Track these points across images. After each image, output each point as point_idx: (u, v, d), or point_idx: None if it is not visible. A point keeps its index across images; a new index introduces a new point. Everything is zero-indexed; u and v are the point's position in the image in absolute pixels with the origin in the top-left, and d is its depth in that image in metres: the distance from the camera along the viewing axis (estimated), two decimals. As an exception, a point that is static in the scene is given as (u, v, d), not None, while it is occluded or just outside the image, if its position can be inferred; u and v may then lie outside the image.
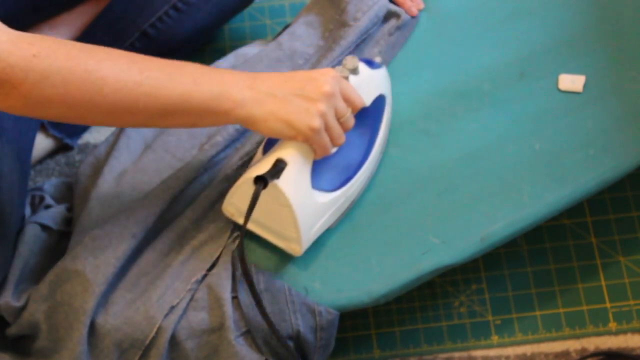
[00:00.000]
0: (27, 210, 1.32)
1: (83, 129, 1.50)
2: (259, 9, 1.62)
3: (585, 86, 1.31)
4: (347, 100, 1.13)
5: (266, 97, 1.08)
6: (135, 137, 1.33)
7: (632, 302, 1.42)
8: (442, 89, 1.33)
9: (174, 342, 1.17)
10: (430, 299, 1.42)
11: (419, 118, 1.31)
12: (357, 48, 1.35)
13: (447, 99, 1.33)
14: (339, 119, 1.13)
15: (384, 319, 1.40)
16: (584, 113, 1.30)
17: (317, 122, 1.10)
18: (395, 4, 1.37)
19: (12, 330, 1.24)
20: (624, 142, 1.28)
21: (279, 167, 1.12)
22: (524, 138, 1.28)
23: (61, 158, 1.48)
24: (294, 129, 1.09)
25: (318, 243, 1.23)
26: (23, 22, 1.42)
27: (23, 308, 1.22)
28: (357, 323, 1.40)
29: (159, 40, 1.47)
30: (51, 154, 1.48)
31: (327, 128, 1.12)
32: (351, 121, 1.15)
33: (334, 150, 1.17)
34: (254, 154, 1.26)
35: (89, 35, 1.47)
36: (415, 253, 1.23)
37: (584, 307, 1.42)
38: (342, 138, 1.14)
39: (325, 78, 1.10)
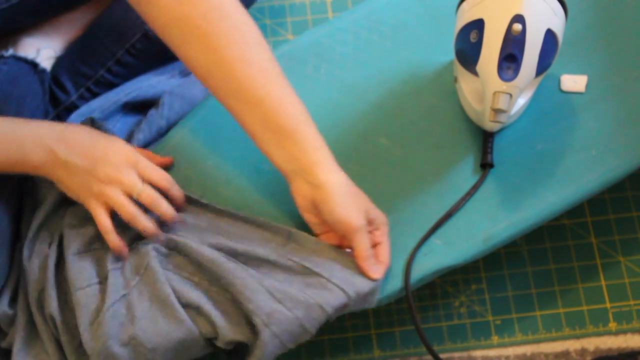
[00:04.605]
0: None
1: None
2: (259, 9, 1.62)
3: (587, 86, 1.31)
4: (146, 179, 1.17)
5: (60, 165, 1.14)
6: None
7: (632, 302, 1.42)
8: (444, 91, 1.33)
9: None
10: (430, 299, 1.42)
11: (422, 118, 1.31)
12: None
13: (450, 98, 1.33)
14: (132, 195, 1.16)
15: (384, 319, 1.40)
16: (586, 113, 1.30)
17: (93, 203, 1.15)
18: None
19: (4, 344, 1.24)
20: (626, 142, 1.28)
21: None
22: (526, 138, 1.28)
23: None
24: (80, 200, 1.17)
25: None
26: (24, 23, 1.41)
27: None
28: (357, 323, 1.40)
29: (160, 42, 1.46)
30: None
31: (116, 208, 1.15)
32: (148, 197, 1.17)
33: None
34: None
35: (90, 36, 1.46)
36: (417, 254, 1.22)
37: (584, 307, 1.42)
38: (137, 220, 1.17)
39: (118, 161, 1.15)
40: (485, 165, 1.25)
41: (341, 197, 1.15)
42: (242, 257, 1.19)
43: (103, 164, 1.15)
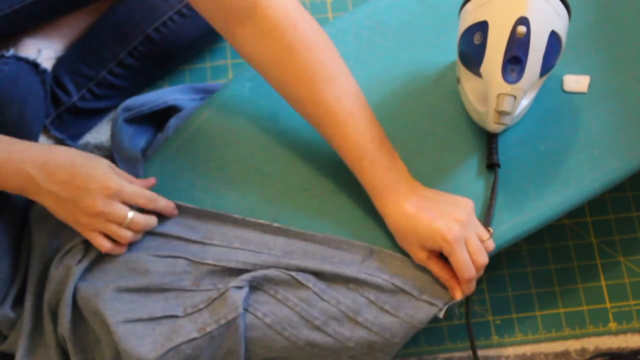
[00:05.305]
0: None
1: (85, 131, 1.49)
2: (260, 8, 1.62)
3: (590, 87, 1.31)
4: (135, 201, 1.19)
5: (43, 192, 1.14)
6: None
7: (632, 302, 1.43)
8: (447, 92, 1.33)
9: None
10: (430, 299, 1.42)
11: (424, 119, 1.31)
12: None
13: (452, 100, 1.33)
14: (120, 224, 1.18)
15: (384, 319, 1.40)
16: (589, 114, 1.30)
17: (84, 230, 1.17)
18: None
19: (2, 347, 1.24)
20: (628, 143, 1.28)
21: None
22: (528, 139, 1.28)
23: (62, 159, 1.47)
24: (70, 224, 1.18)
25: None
26: (25, 26, 1.41)
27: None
28: (357, 324, 1.40)
29: (162, 44, 1.47)
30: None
31: (110, 235, 1.18)
32: (138, 225, 1.19)
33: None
34: None
35: (92, 37, 1.46)
36: (421, 255, 1.22)
37: (584, 307, 1.42)
38: (122, 238, 1.18)
39: (101, 194, 1.15)
40: (493, 166, 1.25)
41: (397, 233, 1.19)
42: (329, 275, 1.20)
43: (86, 195, 1.14)
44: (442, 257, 1.18)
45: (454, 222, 1.14)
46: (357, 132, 1.17)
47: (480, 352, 1.40)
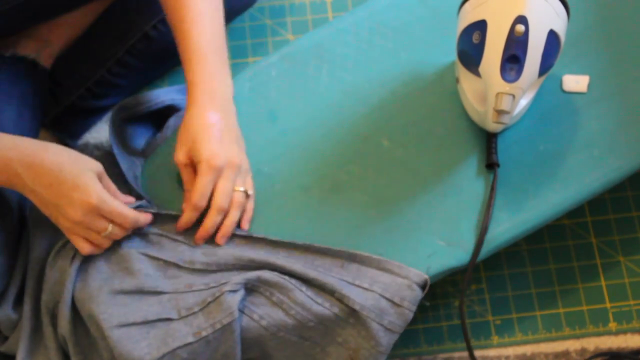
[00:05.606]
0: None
1: (84, 130, 1.49)
2: (259, 9, 1.62)
3: (589, 86, 1.31)
4: (112, 219, 1.18)
5: (29, 191, 1.15)
6: None
7: (632, 302, 1.43)
8: (446, 92, 1.33)
9: None
10: (430, 299, 1.42)
11: (423, 119, 1.31)
12: None
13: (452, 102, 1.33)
14: (99, 233, 1.17)
15: (384, 319, 1.40)
16: (588, 113, 1.30)
17: (65, 231, 1.18)
18: None
19: (2, 348, 1.24)
20: (628, 142, 1.28)
21: None
22: (528, 139, 1.28)
23: (61, 159, 1.47)
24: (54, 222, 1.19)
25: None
26: (24, 25, 1.41)
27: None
28: (357, 324, 1.40)
29: (160, 42, 1.47)
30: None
31: (86, 237, 1.18)
32: (115, 235, 1.19)
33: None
34: None
35: (89, 35, 1.46)
36: (420, 256, 1.22)
37: (584, 307, 1.42)
38: (102, 245, 1.19)
39: (82, 206, 1.14)
40: (492, 165, 1.25)
41: (182, 129, 1.22)
42: (315, 282, 1.20)
43: (68, 202, 1.14)
44: None
45: (224, 152, 1.20)
46: (199, 33, 1.24)
47: (481, 352, 1.40)
